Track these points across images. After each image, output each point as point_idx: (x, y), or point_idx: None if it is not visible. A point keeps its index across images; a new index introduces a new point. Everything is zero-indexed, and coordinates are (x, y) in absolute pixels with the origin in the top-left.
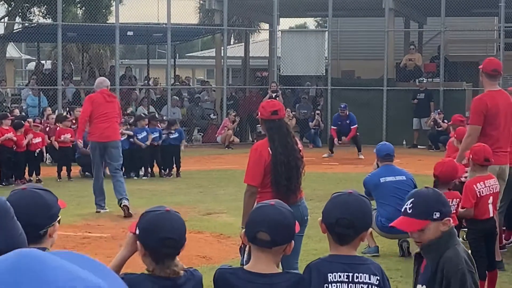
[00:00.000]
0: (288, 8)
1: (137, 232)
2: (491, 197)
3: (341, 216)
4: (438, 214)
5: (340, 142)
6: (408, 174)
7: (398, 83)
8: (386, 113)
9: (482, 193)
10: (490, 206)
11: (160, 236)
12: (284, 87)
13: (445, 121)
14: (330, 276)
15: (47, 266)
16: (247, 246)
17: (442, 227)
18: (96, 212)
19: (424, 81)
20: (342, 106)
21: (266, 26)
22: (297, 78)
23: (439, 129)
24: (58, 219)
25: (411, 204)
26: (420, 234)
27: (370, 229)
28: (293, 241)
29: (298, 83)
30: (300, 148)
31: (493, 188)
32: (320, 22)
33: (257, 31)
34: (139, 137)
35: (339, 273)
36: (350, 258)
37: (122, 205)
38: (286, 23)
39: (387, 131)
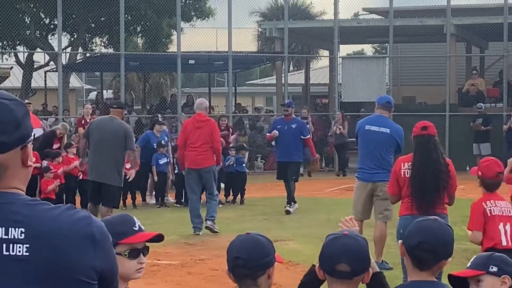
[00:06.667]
0: (348, 35)
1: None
2: (508, 223)
3: (423, 240)
4: (495, 268)
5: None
6: (398, 130)
7: (461, 109)
8: (448, 139)
9: (493, 212)
10: (503, 233)
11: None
12: (346, 113)
13: None
14: None
15: None
16: None
17: (500, 285)
18: (194, 234)
19: (482, 107)
20: (286, 101)
21: (325, 52)
22: (358, 104)
23: None
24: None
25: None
26: (477, 286)
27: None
28: (371, 270)
29: (359, 109)
30: (448, 163)
31: (506, 211)
32: (378, 48)
33: (316, 58)
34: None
35: None
36: (431, 284)
37: (205, 226)
38: (343, 49)
39: (449, 157)
